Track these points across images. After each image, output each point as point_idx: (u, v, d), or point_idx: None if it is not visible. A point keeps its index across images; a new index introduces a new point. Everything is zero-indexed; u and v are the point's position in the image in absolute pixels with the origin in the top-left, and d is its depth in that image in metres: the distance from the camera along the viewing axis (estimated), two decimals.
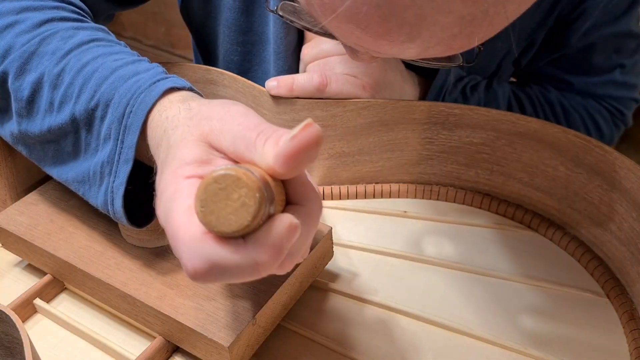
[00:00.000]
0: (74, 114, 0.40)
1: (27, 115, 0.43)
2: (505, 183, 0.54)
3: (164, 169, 0.32)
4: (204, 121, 0.32)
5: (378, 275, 0.49)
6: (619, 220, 0.47)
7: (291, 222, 0.27)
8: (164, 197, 0.30)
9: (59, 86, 0.41)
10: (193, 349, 0.40)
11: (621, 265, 0.47)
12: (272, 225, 0.27)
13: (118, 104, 0.38)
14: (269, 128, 0.30)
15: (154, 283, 0.41)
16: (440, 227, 0.54)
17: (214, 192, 0.26)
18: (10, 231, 0.46)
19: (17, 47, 0.42)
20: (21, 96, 0.42)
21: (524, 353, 0.42)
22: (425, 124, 0.53)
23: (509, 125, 0.51)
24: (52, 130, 0.41)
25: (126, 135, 0.37)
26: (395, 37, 0.31)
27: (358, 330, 0.44)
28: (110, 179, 0.38)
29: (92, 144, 0.40)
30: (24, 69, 0.42)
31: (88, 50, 0.42)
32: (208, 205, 0.26)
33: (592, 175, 0.48)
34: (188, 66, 0.59)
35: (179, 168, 0.30)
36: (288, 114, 0.53)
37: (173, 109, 0.35)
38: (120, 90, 0.38)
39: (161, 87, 0.37)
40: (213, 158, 0.31)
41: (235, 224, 0.26)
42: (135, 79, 0.38)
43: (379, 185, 0.57)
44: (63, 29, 0.43)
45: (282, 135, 0.28)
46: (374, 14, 0.29)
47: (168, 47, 1.93)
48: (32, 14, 0.44)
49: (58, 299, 0.46)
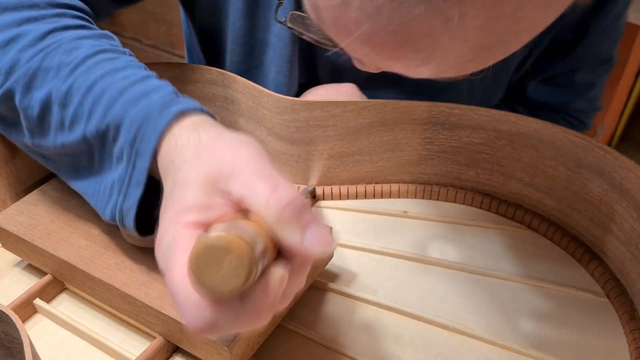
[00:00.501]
0: (85, 134, 0.40)
1: (39, 132, 0.42)
2: (506, 183, 0.54)
3: (167, 208, 0.32)
4: (213, 162, 0.32)
5: (378, 275, 0.49)
6: (619, 221, 0.47)
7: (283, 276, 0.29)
8: (164, 243, 0.31)
9: (68, 105, 0.40)
10: (193, 349, 0.40)
11: (621, 265, 0.47)
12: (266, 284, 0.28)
13: (129, 128, 0.37)
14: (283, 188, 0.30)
15: (154, 283, 0.41)
16: (440, 227, 0.54)
17: (205, 261, 0.27)
18: (10, 231, 0.46)
19: (22, 64, 0.42)
20: (31, 114, 0.42)
21: (523, 353, 0.42)
22: (425, 124, 0.53)
23: (509, 125, 0.51)
24: (66, 146, 0.41)
25: (138, 160, 0.37)
26: (410, 61, 0.31)
27: (358, 330, 0.44)
28: (119, 199, 0.38)
29: (106, 161, 0.40)
30: (30, 86, 0.41)
31: (95, 66, 0.41)
32: (199, 274, 0.27)
33: (592, 176, 0.48)
34: (188, 66, 0.59)
35: (180, 213, 0.31)
36: (288, 114, 0.53)
37: (183, 138, 0.35)
38: (131, 114, 0.38)
39: (172, 111, 0.37)
40: (215, 204, 0.31)
41: (227, 288, 0.27)
42: (145, 102, 0.38)
43: (379, 185, 0.57)
44: (66, 40, 0.43)
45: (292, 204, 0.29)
46: (391, 39, 0.29)
47: (168, 47, 1.93)
48: (34, 25, 0.43)
49: (58, 299, 0.46)
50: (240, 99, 0.57)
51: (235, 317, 0.28)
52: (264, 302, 0.28)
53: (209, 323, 0.28)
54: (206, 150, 0.33)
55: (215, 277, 0.26)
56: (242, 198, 0.30)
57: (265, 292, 0.28)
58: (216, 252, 0.26)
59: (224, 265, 0.26)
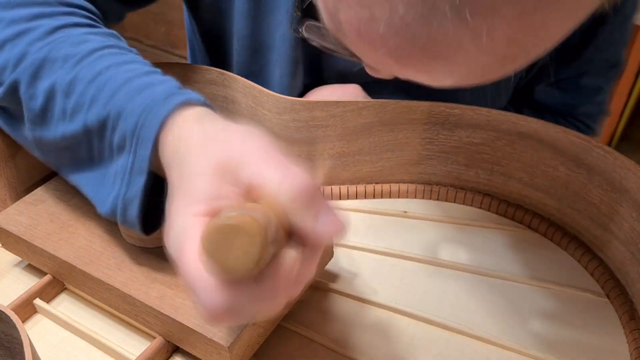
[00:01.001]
0: (86, 123, 0.40)
1: (40, 122, 0.42)
2: (506, 183, 0.54)
3: (174, 198, 0.32)
4: (221, 152, 0.32)
5: (378, 275, 0.49)
6: (619, 220, 0.47)
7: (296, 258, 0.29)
8: (173, 233, 0.30)
9: (71, 94, 0.40)
10: (193, 349, 0.40)
11: (621, 265, 0.47)
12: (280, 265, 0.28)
13: (130, 115, 0.37)
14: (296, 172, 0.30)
15: (154, 283, 0.41)
16: (441, 228, 0.54)
17: (217, 241, 0.26)
18: (10, 231, 0.46)
19: (30, 55, 0.42)
20: (34, 104, 0.42)
21: (523, 353, 0.42)
22: (425, 124, 0.53)
23: (509, 125, 0.51)
24: (66, 137, 0.41)
25: (139, 147, 0.37)
26: (434, 73, 0.31)
27: (358, 330, 0.44)
28: (121, 189, 0.38)
29: (106, 153, 0.40)
30: (36, 76, 0.41)
31: (101, 58, 0.41)
32: (212, 255, 0.27)
33: (592, 176, 0.48)
34: (188, 66, 0.59)
35: (189, 204, 0.30)
36: (288, 114, 0.53)
37: (186, 129, 0.35)
38: (133, 102, 0.38)
39: (175, 100, 0.36)
40: (224, 193, 0.31)
41: (240, 272, 0.27)
42: (148, 91, 0.38)
43: (379, 185, 0.57)
44: (75, 34, 0.43)
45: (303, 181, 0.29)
46: (417, 53, 0.29)
47: (168, 47, 1.93)
48: (45, 21, 0.43)
49: (58, 299, 0.46)
50: (240, 99, 0.57)
51: (251, 298, 0.28)
52: (279, 282, 0.28)
53: (226, 306, 0.28)
54: (213, 140, 0.33)
55: (228, 257, 0.26)
56: (253, 185, 0.30)
57: (280, 272, 0.28)
58: (228, 232, 0.26)
59: (236, 244, 0.26)
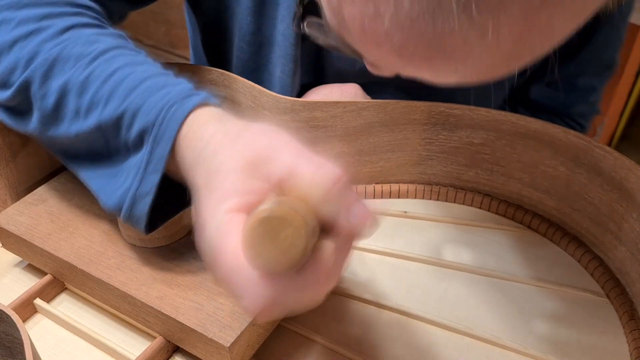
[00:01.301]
0: (100, 121, 0.39)
1: (52, 121, 0.42)
2: (506, 183, 0.54)
3: (204, 198, 0.32)
4: (249, 148, 0.31)
5: (377, 275, 0.49)
6: (619, 220, 0.47)
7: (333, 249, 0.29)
8: (208, 232, 0.30)
9: (85, 93, 0.40)
10: (193, 349, 0.40)
11: (621, 265, 0.47)
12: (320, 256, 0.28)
13: (148, 113, 0.37)
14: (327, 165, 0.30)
15: (154, 283, 0.41)
16: (441, 228, 0.54)
17: (261, 234, 0.26)
18: (10, 231, 0.46)
19: (41, 55, 0.42)
20: (46, 102, 0.42)
21: (523, 353, 0.42)
22: (425, 125, 0.53)
23: (509, 125, 0.51)
24: (80, 135, 0.41)
25: (156, 146, 0.37)
26: (438, 70, 0.30)
27: (357, 330, 0.44)
28: (133, 185, 0.38)
29: (119, 149, 0.40)
30: (48, 75, 0.41)
31: (114, 57, 0.41)
32: (256, 248, 0.26)
33: (592, 176, 0.48)
34: (188, 66, 0.59)
35: (220, 200, 0.30)
36: (288, 114, 0.53)
37: (208, 130, 0.34)
38: (150, 101, 0.37)
39: (194, 101, 0.36)
40: (255, 189, 0.31)
41: (285, 264, 0.27)
42: (166, 90, 0.38)
43: (379, 185, 0.57)
44: (86, 34, 0.43)
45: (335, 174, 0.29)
46: (422, 50, 0.29)
47: (168, 47, 1.93)
48: (54, 21, 0.43)
49: (58, 299, 0.46)
50: (240, 99, 0.57)
51: (295, 290, 0.28)
52: (321, 273, 0.28)
53: (271, 299, 0.28)
54: (239, 137, 0.33)
55: (272, 250, 0.26)
56: (285, 178, 0.30)
57: (321, 263, 0.28)
58: (273, 225, 0.26)
59: (280, 237, 0.26)
